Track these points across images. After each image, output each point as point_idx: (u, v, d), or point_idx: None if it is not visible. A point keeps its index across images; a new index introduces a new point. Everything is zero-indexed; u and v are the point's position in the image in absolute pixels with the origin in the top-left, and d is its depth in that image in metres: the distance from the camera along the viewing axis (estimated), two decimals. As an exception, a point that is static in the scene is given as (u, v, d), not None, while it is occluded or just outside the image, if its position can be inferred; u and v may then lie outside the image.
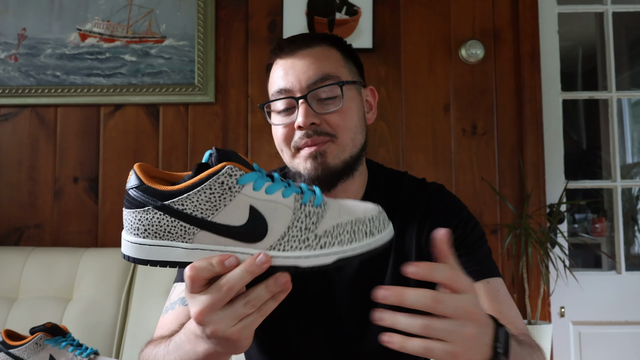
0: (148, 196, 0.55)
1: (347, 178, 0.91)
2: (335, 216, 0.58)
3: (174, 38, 2.12)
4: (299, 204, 0.57)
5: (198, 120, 2.12)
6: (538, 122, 2.08)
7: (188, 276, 0.54)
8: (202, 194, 0.54)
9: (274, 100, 0.91)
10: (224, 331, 0.55)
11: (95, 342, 1.67)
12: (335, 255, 0.56)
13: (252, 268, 0.54)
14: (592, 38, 2.95)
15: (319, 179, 0.87)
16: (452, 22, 2.14)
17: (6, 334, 1.05)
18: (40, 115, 2.14)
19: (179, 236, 0.55)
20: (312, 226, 0.56)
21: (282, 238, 0.55)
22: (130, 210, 0.56)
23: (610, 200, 2.51)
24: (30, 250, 1.89)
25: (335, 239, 0.56)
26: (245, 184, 0.55)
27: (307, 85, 0.88)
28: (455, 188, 2.08)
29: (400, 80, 2.12)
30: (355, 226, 0.57)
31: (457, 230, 0.91)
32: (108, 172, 2.11)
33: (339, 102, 0.89)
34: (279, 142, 0.91)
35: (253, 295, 0.55)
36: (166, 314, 0.88)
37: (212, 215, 0.54)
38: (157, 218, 0.55)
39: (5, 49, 2.14)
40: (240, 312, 0.55)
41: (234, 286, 0.54)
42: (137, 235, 0.55)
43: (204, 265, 0.54)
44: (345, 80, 0.90)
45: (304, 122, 0.86)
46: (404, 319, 0.55)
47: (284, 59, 0.92)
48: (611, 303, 2.11)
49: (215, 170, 0.54)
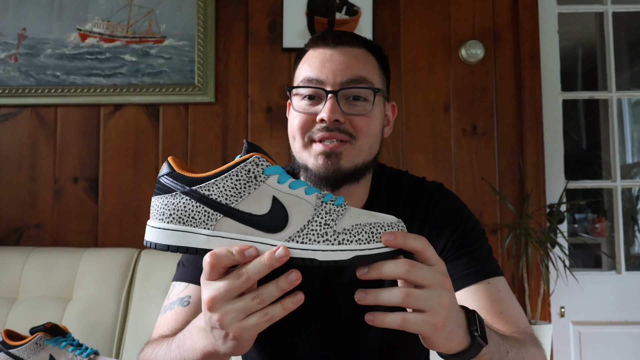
0: (177, 182, 0.57)
1: (353, 183, 0.90)
2: (355, 217, 0.58)
3: (174, 38, 2.12)
4: (321, 201, 0.58)
5: (198, 120, 2.12)
6: (538, 122, 2.08)
7: (208, 262, 0.55)
8: (229, 180, 0.56)
9: (303, 87, 0.89)
10: (229, 323, 0.55)
11: (95, 342, 1.67)
12: (353, 252, 0.57)
13: (271, 261, 0.55)
14: (592, 38, 2.95)
15: (327, 178, 0.86)
16: (452, 22, 2.14)
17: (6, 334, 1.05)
18: (40, 115, 2.14)
19: (202, 222, 0.56)
20: (332, 222, 0.57)
21: (301, 230, 0.57)
22: (159, 197, 0.58)
23: (610, 200, 2.51)
24: (30, 250, 1.89)
25: (353, 237, 0.57)
26: (270, 175, 0.57)
27: (341, 82, 0.87)
28: (455, 188, 2.08)
29: (400, 80, 2.12)
30: (374, 228, 0.58)
31: (458, 230, 0.91)
32: (108, 172, 2.11)
33: (369, 107, 0.88)
34: (294, 128, 0.90)
35: (263, 290, 0.56)
36: (165, 313, 0.88)
37: (236, 202, 0.56)
38: (183, 203, 0.57)
39: (5, 49, 2.14)
40: (249, 305, 0.55)
41: (252, 276, 0.55)
42: (162, 220, 0.57)
43: (225, 253, 0.55)
44: (379, 88, 0.90)
45: (328, 117, 0.85)
46: (384, 292, 0.57)
47: (323, 49, 0.91)
48: (611, 303, 2.11)
49: (244, 159, 0.57)
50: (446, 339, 0.59)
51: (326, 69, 0.88)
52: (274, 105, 2.12)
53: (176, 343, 0.68)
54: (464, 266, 0.87)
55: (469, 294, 0.84)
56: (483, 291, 0.84)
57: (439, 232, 0.91)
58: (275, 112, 2.11)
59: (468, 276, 0.86)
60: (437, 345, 0.59)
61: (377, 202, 0.96)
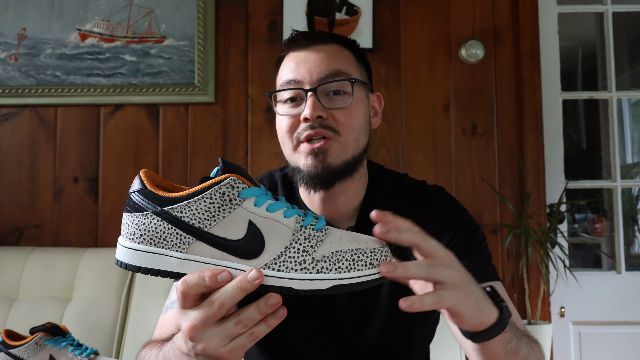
0: (148, 201, 0.55)
1: (347, 179, 0.90)
2: (335, 242, 0.56)
3: (174, 38, 2.12)
4: (300, 225, 0.56)
5: (198, 120, 2.12)
6: (538, 122, 2.08)
7: (180, 291, 0.53)
8: (202, 203, 0.54)
9: (282, 90, 0.90)
10: (215, 350, 0.54)
11: (95, 342, 1.67)
12: (332, 282, 0.54)
13: (243, 284, 0.53)
14: (592, 38, 2.95)
15: (318, 176, 0.87)
16: (452, 22, 2.14)
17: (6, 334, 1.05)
18: (40, 115, 2.14)
19: (174, 245, 0.54)
20: (311, 249, 0.55)
21: (278, 258, 0.54)
22: (130, 214, 0.56)
23: (610, 200, 2.51)
24: (30, 250, 1.89)
25: (333, 265, 0.55)
26: (246, 197, 0.54)
27: (318, 79, 0.88)
28: (455, 188, 2.08)
29: (400, 80, 2.12)
30: (355, 255, 0.55)
31: (458, 234, 0.91)
32: (108, 172, 2.11)
33: (348, 99, 0.89)
34: (282, 133, 0.91)
35: (244, 315, 0.54)
36: (166, 312, 0.88)
37: (209, 225, 0.54)
38: (155, 224, 0.54)
39: (5, 49, 2.14)
40: (231, 331, 0.54)
41: (225, 302, 0.53)
42: (133, 240, 0.55)
43: (196, 281, 0.53)
44: (356, 78, 0.90)
45: (310, 114, 0.85)
46: (411, 265, 0.56)
47: (297, 52, 0.92)
48: (611, 303, 2.11)
49: (218, 180, 0.54)
50: (477, 310, 0.59)
51: (302, 69, 0.89)
52: (274, 105, 2.11)
53: (162, 356, 0.68)
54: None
55: None
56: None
57: (439, 236, 0.90)
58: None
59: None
60: (470, 318, 0.59)
61: (374, 202, 0.95)
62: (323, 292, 0.54)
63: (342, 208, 0.93)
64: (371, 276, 0.55)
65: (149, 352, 0.74)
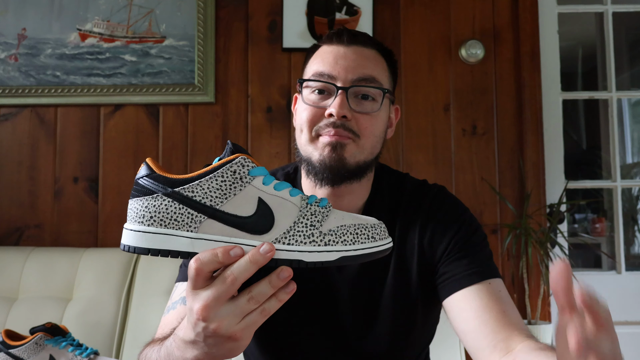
0: (158, 183, 0.56)
1: (354, 181, 0.91)
2: (339, 218, 0.59)
3: (174, 38, 2.12)
4: (305, 202, 0.59)
5: (198, 120, 2.12)
6: (538, 122, 2.08)
7: (193, 268, 0.54)
8: (214, 181, 0.56)
9: (315, 80, 0.90)
10: (228, 328, 0.55)
11: (95, 342, 1.67)
12: (339, 253, 0.57)
13: (256, 258, 0.54)
14: (592, 38, 2.95)
15: (331, 168, 0.87)
16: (452, 22, 2.14)
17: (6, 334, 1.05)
18: (40, 115, 2.14)
19: (185, 224, 0.55)
20: (317, 224, 0.58)
21: (287, 232, 0.57)
22: (137, 199, 0.56)
23: (610, 200, 2.51)
24: (30, 250, 1.89)
25: (339, 238, 0.58)
26: (256, 176, 0.57)
27: (352, 80, 0.88)
28: (455, 188, 2.08)
29: (400, 80, 2.12)
30: (358, 229, 0.59)
31: (460, 232, 0.91)
32: (108, 172, 2.11)
33: (376, 107, 0.90)
34: (302, 121, 0.91)
35: (256, 291, 0.55)
36: (167, 313, 0.88)
37: (221, 203, 0.56)
38: (165, 205, 0.55)
39: (5, 49, 2.14)
40: (244, 307, 0.55)
41: (238, 277, 0.54)
42: (142, 223, 0.56)
43: (209, 257, 0.54)
44: (388, 89, 0.92)
45: (337, 112, 0.86)
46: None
47: (337, 46, 0.92)
48: (611, 303, 2.08)
49: (230, 159, 0.56)
50: None
51: (339, 65, 0.90)
52: (274, 105, 2.12)
53: (165, 351, 0.68)
54: (466, 267, 0.87)
55: (472, 293, 0.85)
56: (485, 291, 0.85)
57: (441, 234, 0.91)
58: (275, 112, 2.11)
59: (470, 276, 0.86)
60: None
61: (377, 202, 0.96)
62: (331, 263, 0.57)
63: (347, 207, 0.93)
64: (373, 248, 0.59)
65: (150, 350, 0.74)
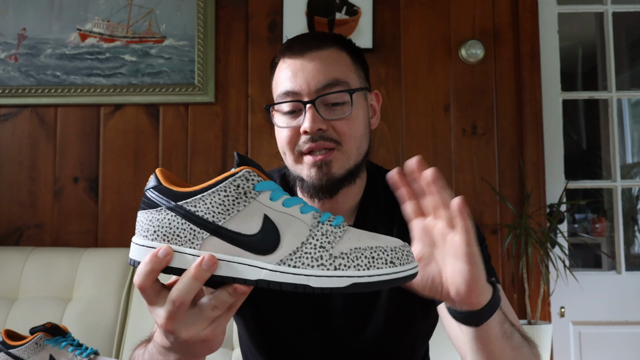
0: (163, 196, 0.53)
1: (349, 185, 0.90)
2: (354, 239, 0.54)
3: (174, 38, 2.12)
4: (317, 221, 0.54)
5: (198, 120, 2.12)
6: (538, 122, 2.08)
7: (137, 287, 0.53)
8: (216, 196, 0.52)
9: (280, 103, 0.88)
10: (197, 335, 0.54)
11: (95, 342, 1.67)
12: (350, 279, 0.52)
13: (199, 274, 0.51)
14: (592, 38, 2.95)
15: (322, 187, 0.87)
16: (452, 22, 2.14)
17: (6, 334, 1.05)
18: (40, 115, 2.14)
19: (187, 240, 0.52)
20: (328, 245, 0.53)
21: (294, 253, 0.52)
22: (144, 212, 0.54)
23: (610, 200, 2.51)
24: (30, 250, 1.89)
25: (351, 262, 0.52)
26: (262, 191, 0.53)
27: (316, 90, 0.86)
28: (455, 188, 2.08)
29: (400, 80, 2.12)
30: (375, 252, 0.53)
31: None
32: (108, 172, 2.11)
33: (348, 109, 0.87)
34: (282, 145, 0.90)
35: (218, 300, 0.53)
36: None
37: (223, 219, 0.52)
38: (168, 219, 0.53)
39: (5, 49, 2.14)
40: (209, 315, 0.54)
41: (185, 297, 0.52)
42: (146, 237, 0.54)
43: (142, 269, 0.52)
44: (355, 88, 0.88)
45: (310, 127, 0.84)
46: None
47: (292, 59, 0.89)
48: (611, 303, 2.11)
49: (233, 173, 0.53)
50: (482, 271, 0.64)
51: (299, 79, 0.87)
52: (274, 105, 2.11)
53: (148, 354, 0.68)
54: None
55: None
56: None
57: None
58: (275, 112, 2.11)
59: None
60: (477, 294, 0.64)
61: (372, 202, 0.95)
62: (341, 290, 0.52)
63: (342, 207, 0.93)
64: (391, 275, 0.53)
65: (138, 352, 0.74)
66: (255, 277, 0.52)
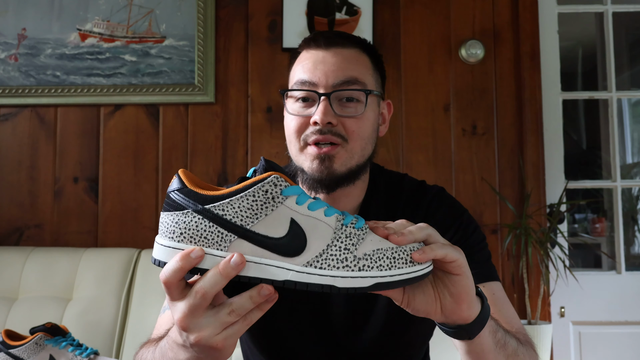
0: (189, 199, 0.54)
1: (348, 185, 0.90)
2: (376, 241, 0.56)
3: (174, 38, 2.12)
4: (341, 224, 0.56)
5: (198, 120, 2.12)
6: (538, 122, 2.08)
7: (162, 282, 0.53)
8: (245, 201, 0.54)
9: (296, 90, 0.89)
10: (208, 339, 0.54)
11: (95, 342, 1.68)
12: (373, 279, 0.54)
13: (226, 270, 0.52)
14: (592, 38, 2.95)
15: (321, 181, 0.87)
16: (452, 22, 2.14)
17: (6, 334, 1.05)
18: (40, 115, 2.14)
19: (215, 243, 0.54)
20: (352, 247, 0.55)
21: (320, 255, 0.54)
22: (169, 213, 0.55)
23: (610, 200, 2.51)
24: (30, 250, 1.89)
25: (374, 263, 0.55)
26: (289, 195, 0.55)
27: (333, 84, 0.87)
28: (455, 188, 2.08)
29: (400, 80, 2.12)
30: (396, 253, 0.56)
31: (458, 233, 0.91)
32: (108, 172, 2.11)
33: (361, 108, 0.88)
34: (290, 132, 0.90)
35: (237, 305, 0.54)
36: (164, 313, 0.88)
37: (252, 223, 0.54)
38: (195, 222, 0.54)
39: (5, 49, 2.14)
40: (224, 320, 0.54)
41: (208, 291, 0.53)
42: (172, 239, 0.55)
43: (171, 266, 0.53)
44: (371, 90, 0.89)
45: (321, 119, 0.85)
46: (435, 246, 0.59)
47: (315, 50, 0.90)
48: (611, 303, 2.11)
49: (261, 178, 0.54)
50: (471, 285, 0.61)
51: (318, 71, 0.88)
52: (274, 105, 2.12)
53: (159, 351, 0.67)
54: None
55: None
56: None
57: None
58: (275, 112, 2.11)
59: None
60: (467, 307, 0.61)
61: (374, 202, 0.96)
62: (365, 290, 0.54)
63: (343, 208, 0.93)
64: (411, 274, 0.56)
65: (145, 350, 0.74)
66: (283, 278, 0.54)
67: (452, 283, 0.60)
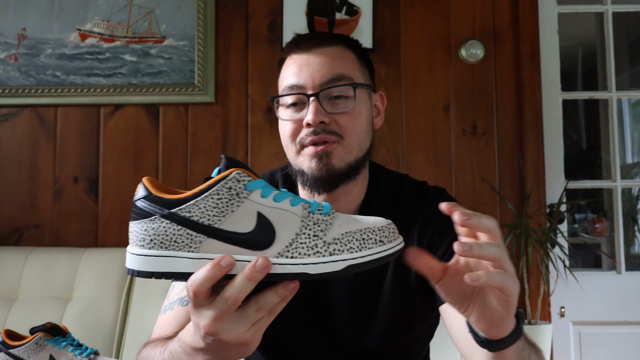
0: (155, 205, 0.55)
1: (349, 181, 0.90)
2: (344, 225, 0.57)
3: (174, 38, 2.12)
4: (307, 212, 0.57)
5: (198, 120, 2.12)
6: (538, 122, 2.08)
7: (191, 291, 0.54)
8: (210, 200, 0.54)
9: (284, 95, 0.90)
10: (238, 337, 0.55)
11: (95, 342, 1.67)
12: (345, 262, 0.55)
13: (253, 275, 0.53)
14: (592, 38, 2.95)
15: (322, 179, 0.87)
16: (452, 22, 2.14)
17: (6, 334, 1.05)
18: (40, 115, 2.14)
19: (185, 245, 0.54)
20: (321, 233, 0.56)
21: (290, 245, 0.55)
22: (137, 222, 0.56)
23: (610, 200, 2.51)
24: (30, 250, 1.89)
25: (344, 246, 0.56)
26: (253, 190, 0.55)
27: (320, 84, 0.87)
28: (455, 188, 2.08)
29: (400, 80, 2.12)
30: (364, 234, 0.57)
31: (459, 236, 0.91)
32: (108, 172, 2.11)
33: (351, 103, 0.88)
34: (285, 137, 0.90)
35: (263, 301, 0.55)
36: (165, 313, 0.88)
37: (219, 221, 0.54)
38: (164, 227, 0.54)
39: (5, 49, 2.14)
40: (253, 317, 0.55)
41: (238, 297, 0.53)
42: (143, 246, 0.55)
43: (202, 276, 0.53)
44: (359, 83, 0.90)
45: (313, 120, 0.85)
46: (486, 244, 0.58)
47: (299, 54, 0.90)
48: (611, 303, 2.11)
49: (224, 176, 0.55)
50: (509, 321, 0.59)
51: (304, 73, 0.88)
52: (274, 105, 2.11)
53: (168, 354, 0.67)
54: None
55: None
56: None
57: (440, 237, 0.90)
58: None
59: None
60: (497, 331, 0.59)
61: (374, 202, 0.95)
62: (338, 273, 0.55)
63: (343, 209, 0.93)
64: (382, 253, 0.56)
65: (152, 350, 0.73)
66: None
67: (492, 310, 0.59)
